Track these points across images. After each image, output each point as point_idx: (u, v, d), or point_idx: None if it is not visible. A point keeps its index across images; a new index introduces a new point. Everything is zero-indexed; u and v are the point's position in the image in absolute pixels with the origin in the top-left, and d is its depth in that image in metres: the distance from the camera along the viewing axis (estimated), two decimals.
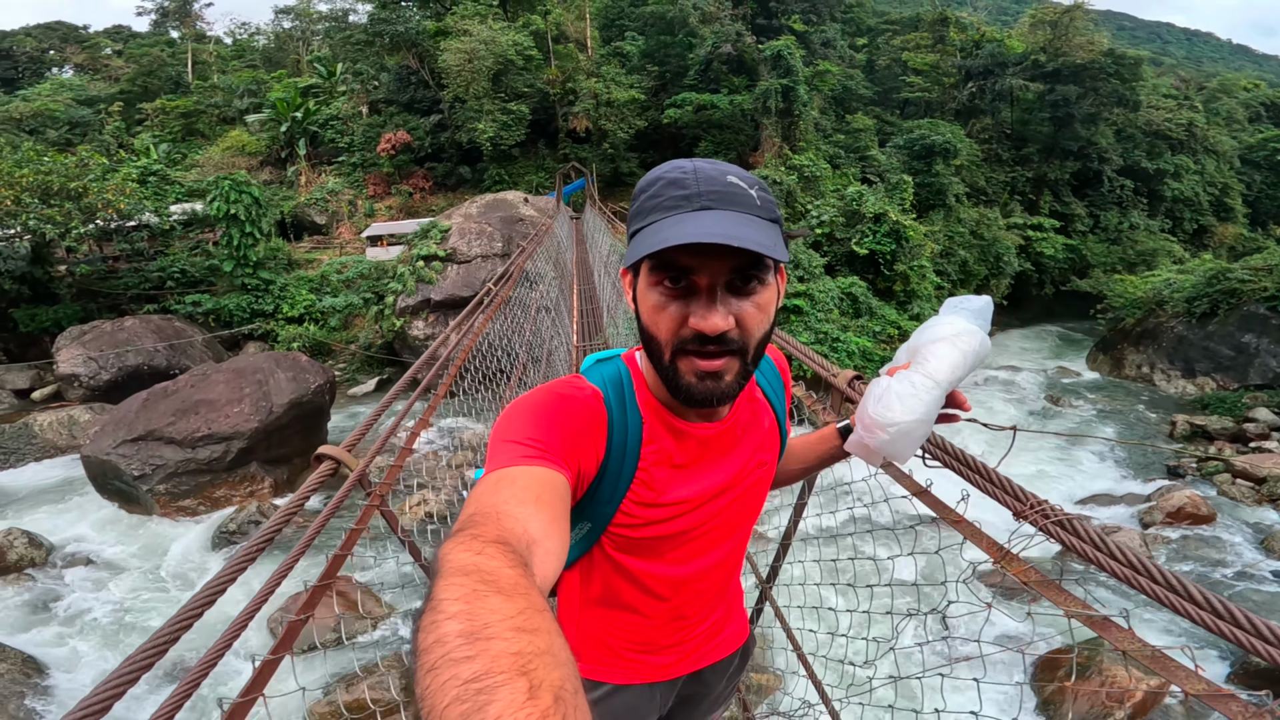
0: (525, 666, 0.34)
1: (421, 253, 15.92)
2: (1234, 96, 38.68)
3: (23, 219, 15.09)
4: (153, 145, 26.15)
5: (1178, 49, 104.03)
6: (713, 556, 0.97)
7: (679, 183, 0.72)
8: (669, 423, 0.86)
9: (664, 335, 0.74)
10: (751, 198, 0.72)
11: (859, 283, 15.62)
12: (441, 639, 0.36)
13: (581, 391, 0.83)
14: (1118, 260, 25.39)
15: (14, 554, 8.83)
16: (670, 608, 0.99)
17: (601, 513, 0.87)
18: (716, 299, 0.71)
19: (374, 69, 25.58)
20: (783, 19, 25.62)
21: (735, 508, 0.95)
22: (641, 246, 0.69)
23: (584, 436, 0.80)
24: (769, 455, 0.97)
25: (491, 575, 0.43)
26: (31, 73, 45.23)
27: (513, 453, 0.71)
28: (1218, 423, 13.41)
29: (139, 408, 10.05)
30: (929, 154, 21.41)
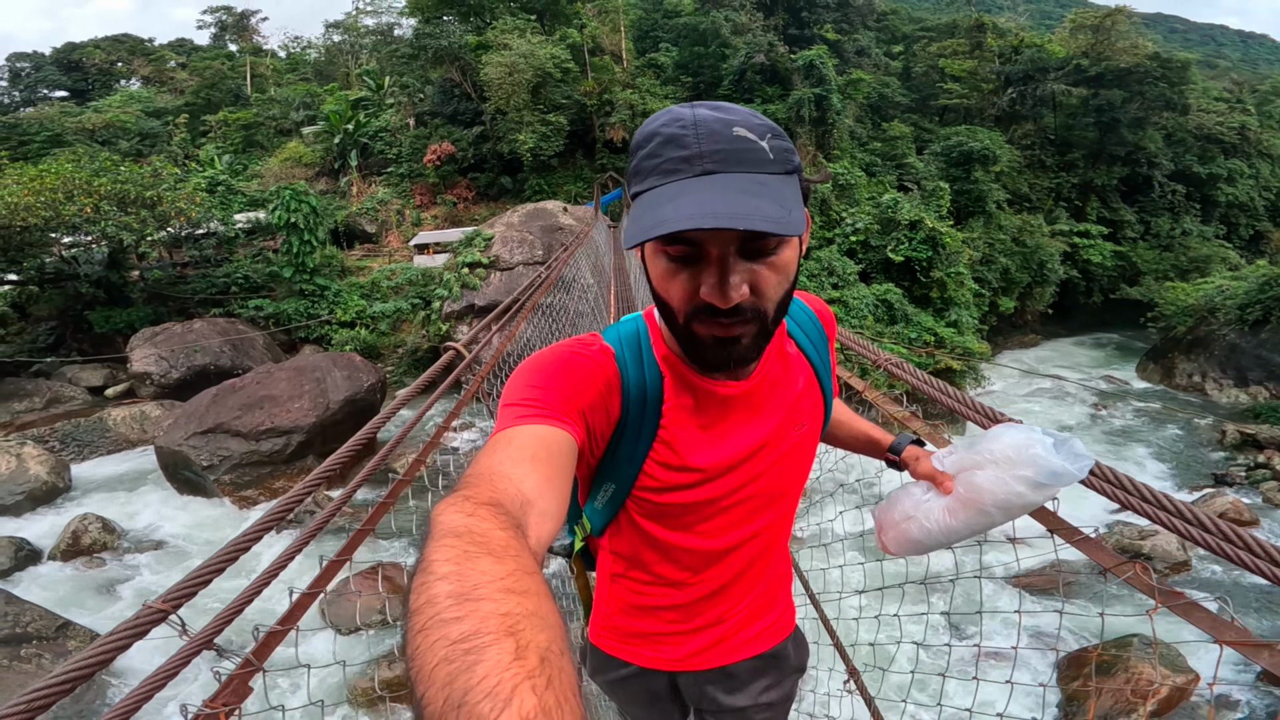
0: (513, 627, 0.34)
1: (466, 260, 16.64)
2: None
3: (101, 225, 16.08)
4: (217, 156, 27.68)
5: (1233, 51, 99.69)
6: (747, 529, 0.91)
7: (678, 140, 0.65)
8: (688, 380, 0.82)
9: (675, 302, 0.71)
10: (762, 151, 0.66)
11: (894, 289, 15.68)
12: (431, 600, 0.37)
13: (589, 348, 0.81)
14: (1169, 267, 24.75)
15: (88, 538, 9.59)
16: (702, 584, 0.94)
17: (624, 473, 0.84)
18: (729, 269, 0.66)
19: (419, 82, 26.63)
20: (815, 28, 25.77)
21: (772, 475, 0.89)
22: (638, 225, 0.63)
23: (591, 392, 0.77)
24: (808, 417, 0.91)
25: (482, 537, 0.44)
26: (101, 85, 47.70)
27: (512, 414, 0.70)
28: (1269, 431, 13.14)
29: (209, 402, 10.85)
30: (967, 161, 21.27)
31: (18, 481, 10.90)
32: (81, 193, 15.70)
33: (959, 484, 0.87)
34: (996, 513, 0.83)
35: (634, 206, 0.67)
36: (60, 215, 15.31)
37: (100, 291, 17.91)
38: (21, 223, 14.88)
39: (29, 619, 7.51)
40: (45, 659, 7.06)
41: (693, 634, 0.98)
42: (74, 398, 16.05)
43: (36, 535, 9.81)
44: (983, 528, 0.85)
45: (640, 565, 0.94)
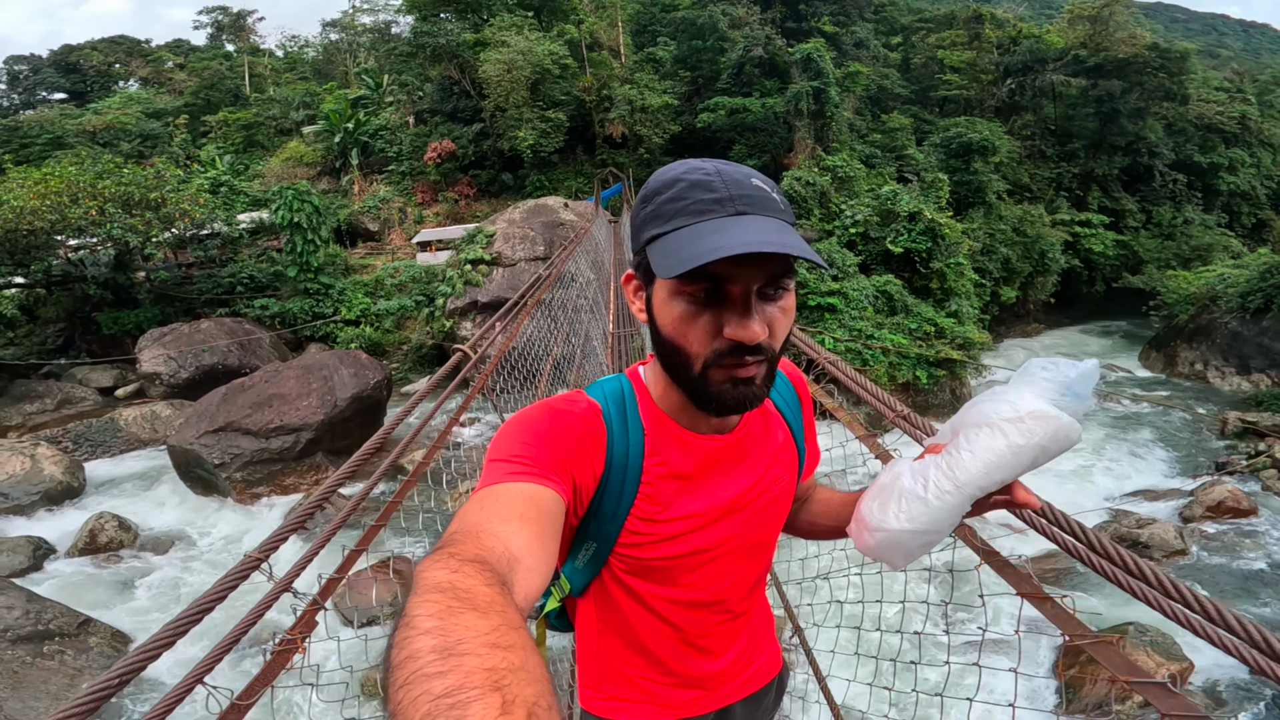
0: (499, 682, 0.34)
1: (469, 257, 16.77)
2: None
3: (108, 228, 16.19)
4: (218, 157, 27.79)
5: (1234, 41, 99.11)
6: (730, 580, 0.92)
7: (705, 185, 0.69)
8: (675, 435, 0.84)
9: (695, 347, 0.71)
10: (777, 202, 0.70)
11: (894, 281, 15.75)
12: (414, 654, 0.36)
13: (576, 405, 0.82)
14: (1172, 256, 24.71)
15: (104, 536, 9.69)
16: (689, 638, 0.94)
17: (606, 531, 0.85)
18: (752, 307, 0.69)
19: (418, 80, 26.69)
20: (812, 21, 25.80)
21: (751, 526, 0.90)
22: (684, 255, 0.65)
23: (579, 450, 0.78)
24: (785, 471, 0.93)
25: (467, 592, 0.43)
26: (99, 86, 47.69)
27: (500, 470, 0.70)
28: (1270, 419, 13.11)
29: (219, 401, 10.98)
30: (967, 152, 21.31)
31: (33, 481, 11.03)
32: (86, 195, 15.80)
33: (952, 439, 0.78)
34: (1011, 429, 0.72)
35: (659, 245, 0.69)
36: (66, 218, 15.44)
37: (108, 293, 18.10)
38: (28, 226, 15.02)
39: (50, 616, 7.56)
40: (67, 655, 7.14)
41: (683, 686, 0.97)
42: (85, 399, 16.20)
43: (53, 534, 9.92)
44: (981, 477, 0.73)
45: (625, 622, 0.93)
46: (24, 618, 7.50)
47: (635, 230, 0.74)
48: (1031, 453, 0.72)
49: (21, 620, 7.43)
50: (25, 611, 7.57)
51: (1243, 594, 7.81)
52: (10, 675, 6.60)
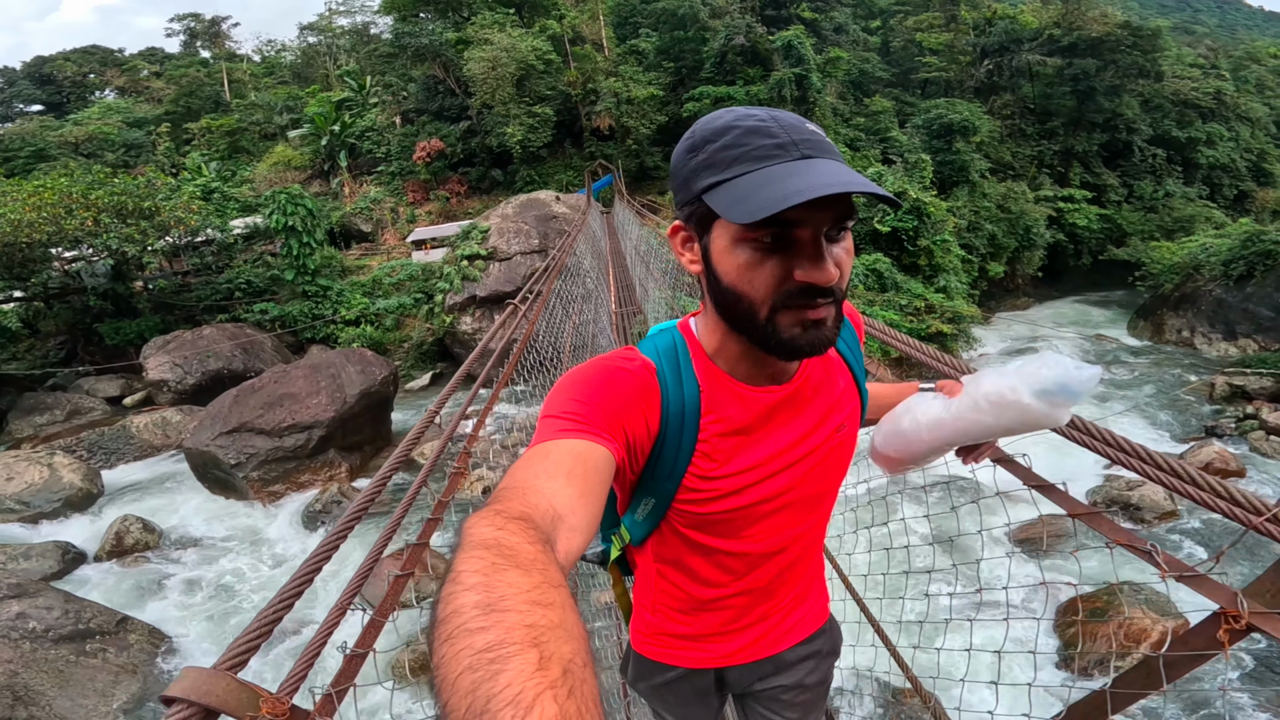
0: (538, 639, 0.35)
1: (465, 253, 17.01)
2: (1262, 64, 37.74)
3: (104, 238, 16.26)
4: (204, 164, 27.70)
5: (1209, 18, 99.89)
6: (790, 532, 0.93)
7: (763, 130, 0.67)
8: (731, 389, 0.83)
9: (761, 292, 0.70)
10: (833, 145, 0.70)
11: (883, 259, 16.18)
12: (458, 610, 0.38)
13: (631, 363, 0.81)
14: (1155, 228, 25.22)
15: (130, 538, 9.87)
16: (747, 584, 0.95)
17: (664, 488, 0.85)
18: (823, 249, 0.68)
19: (402, 80, 26.71)
20: (792, 8, 26.05)
21: (813, 476, 0.90)
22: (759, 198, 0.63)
23: (633, 407, 0.77)
24: (847, 417, 0.92)
25: (511, 550, 0.44)
26: (75, 97, 47.22)
27: (553, 427, 0.71)
28: (1257, 383, 13.25)
29: (231, 403, 11.19)
30: (948, 132, 21.72)
31: (53, 489, 11.21)
32: (80, 206, 15.81)
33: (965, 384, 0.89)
34: (987, 406, 0.83)
35: (724, 192, 0.67)
36: (63, 229, 15.47)
37: (108, 304, 18.18)
38: (26, 239, 15.05)
39: (90, 615, 7.63)
40: (109, 653, 7.19)
41: (738, 632, 1.00)
42: (93, 409, 16.27)
43: (79, 539, 10.09)
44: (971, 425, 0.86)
45: (684, 570, 0.94)
46: (64, 617, 7.57)
47: (683, 180, 0.72)
48: (994, 430, 0.86)
49: (62, 620, 7.46)
50: (65, 611, 7.63)
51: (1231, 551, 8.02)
52: (56, 674, 6.69)
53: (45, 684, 6.52)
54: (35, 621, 7.13)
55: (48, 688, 6.48)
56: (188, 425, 13.55)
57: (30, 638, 6.95)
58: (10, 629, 6.91)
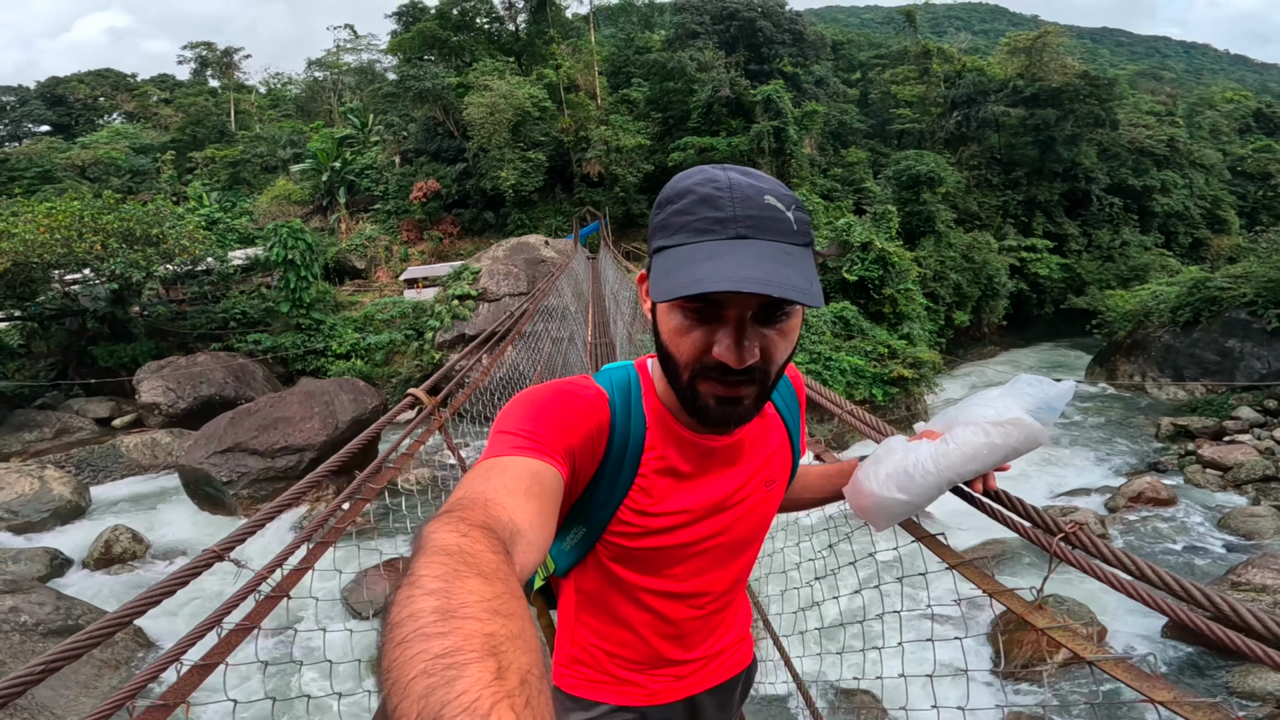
0: (496, 648, 0.34)
1: (456, 293, 17.87)
2: (1216, 109, 39.26)
3: (111, 262, 16.74)
4: (205, 193, 28.30)
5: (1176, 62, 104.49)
6: (713, 575, 0.95)
7: (712, 201, 0.68)
8: (675, 431, 0.85)
9: (684, 358, 0.73)
10: (789, 221, 0.69)
11: (850, 306, 17.15)
12: (415, 614, 0.37)
13: (586, 390, 0.83)
14: (1112, 277, 26.26)
15: (119, 547, 10.14)
16: (669, 625, 0.96)
17: (597, 518, 0.86)
18: (744, 332, 0.69)
19: (403, 120, 27.82)
20: (774, 63, 27.60)
21: (740, 526, 0.93)
22: (673, 280, 0.66)
23: (583, 434, 0.79)
24: (777, 474, 0.95)
25: (473, 557, 0.44)
26: (84, 120, 47.90)
27: (508, 442, 0.72)
28: (1199, 422, 14.10)
29: (227, 424, 11.72)
30: (916, 183, 22.98)
31: (43, 500, 11.52)
32: (89, 230, 16.34)
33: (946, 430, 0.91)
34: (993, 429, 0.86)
35: (661, 260, 0.70)
36: (73, 252, 16.00)
37: (104, 327, 18.64)
38: (37, 258, 15.55)
39: (79, 613, 7.94)
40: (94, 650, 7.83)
41: (658, 672, 1.00)
42: (82, 428, 16.51)
43: (66, 547, 10.37)
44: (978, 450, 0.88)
45: (606, 606, 0.95)
46: (54, 613, 7.80)
47: (650, 233, 0.75)
48: (1004, 451, 0.87)
49: (52, 615, 7.71)
50: (55, 608, 7.85)
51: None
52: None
53: None
54: (27, 615, 7.40)
55: None
56: (176, 447, 14.03)
57: (20, 630, 7.21)
58: (2, 621, 7.18)
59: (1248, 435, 12.96)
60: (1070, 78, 27.41)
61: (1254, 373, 15.65)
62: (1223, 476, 11.31)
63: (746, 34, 28.11)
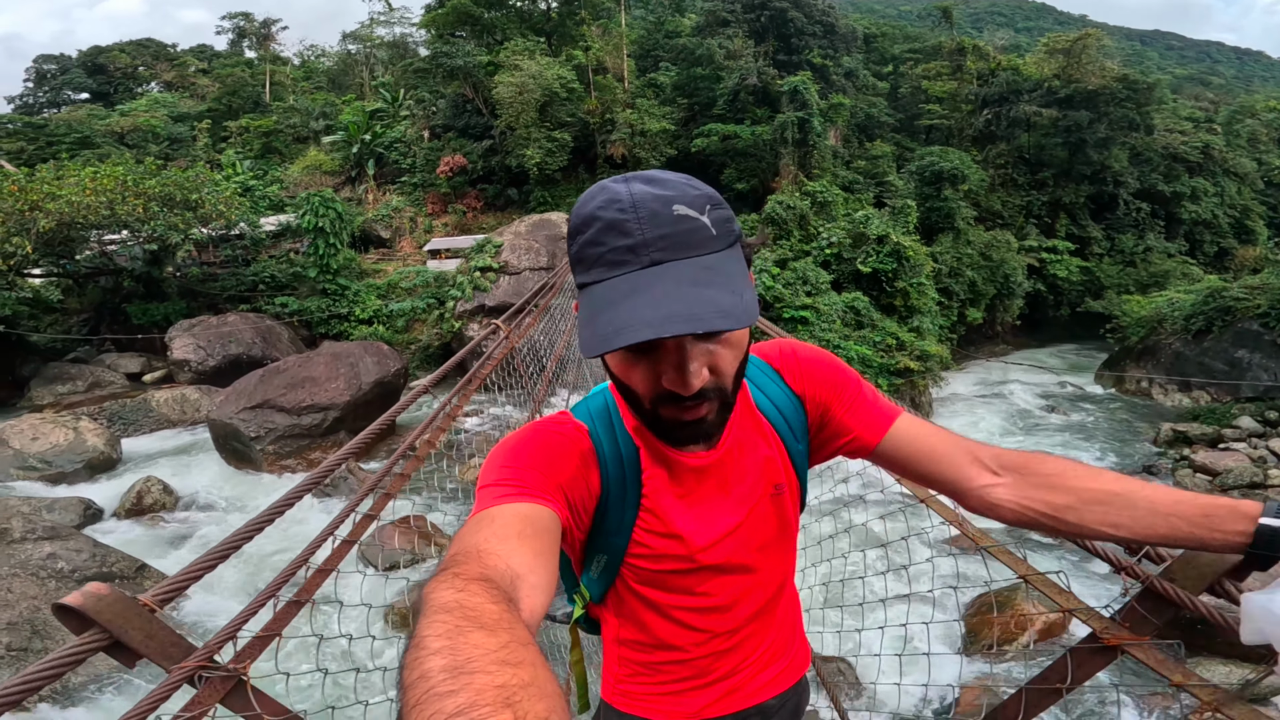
0: (510, 699, 0.35)
1: (478, 264, 18.35)
2: (1257, 118, 38.19)
3: (152, 225, 17.45)
4: (238, 161, 29.08)
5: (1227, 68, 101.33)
6: (744, 584, 0.93)
7: (619, 226, 0.65)
8: (660, 451, 0.85)
9: (639, 389, 0.73)
10: (705, 228, 0.66)
11: (861, 297, 17.34)
12: (425, 674, 0.37)
13: (563, 426, 0.84)
14: (1131, 282, 26.04)
15: (150, 498, 10.67)
16: (708, 641, 0.94)
17: (614, 544, 0.87)
18: (687, 357, 0.68)
19: (433, 96, 28.18)
20: (803, 54, 27.49)
21: (757, 536, 0.91)
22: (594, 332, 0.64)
23: (569, 468, 0.79)
24: (782, 477, 0.92)
25: (474, 611, 0.44)
26: (123, 89, 48.98)
27: (492, 494, 0.72)
28: (1199, 429, 14.30)
29: (257, 381, 12.34)
30: (938, 180, 22.92)
31: (77, 451, 12.04)
32: (132, 194, 17.02)
33: None
34: None
35: (584, 301, 0.68)
36: (116, 214, 16.72)
37: (139, 286, 19.45)
38: (82, 219, 16.28)
39: (114, 560, 8.43)
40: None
41: (706, 688, 0.97)
42: (114, 382, 17.27)
43: (98, 497, 10.90)
44: None
45: (643, 628, 0.94)
46: (90, 560, 8.44)
47: (571, 262, 0.72)
48: None
49: (89, 562, 8.29)
50: (92, 555, 8.47)
51: None
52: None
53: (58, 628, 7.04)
54: (64, 562, 7.68)
55: (63, 631, 7.37)
56: (205, 402, 14.60)
57: (57, 577, 7.51)
58: (40, 568, 7.46)
59: (1243, 444, 13.08)
60: (1108, 80, 26.99)
61: (1260, 384, 15.63)
62: (1211, 481, 11.57)
63: (777, 24, 27.99)
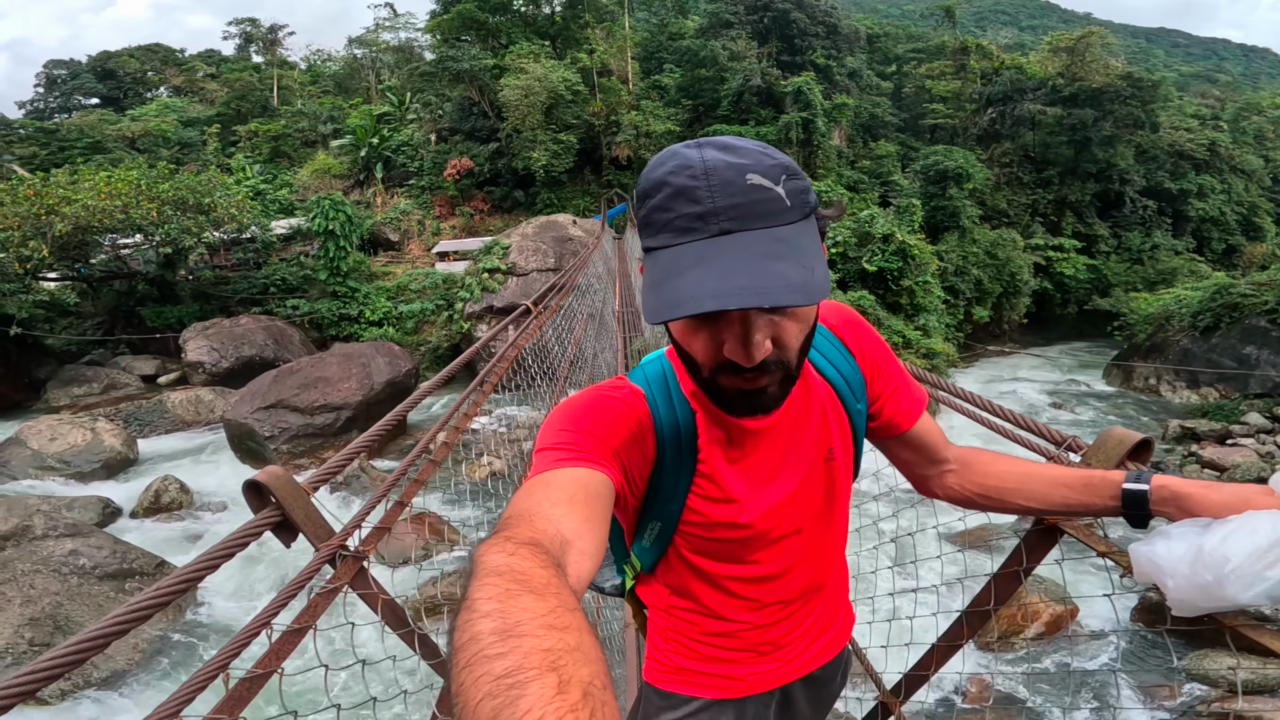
0: (555, 663, 0.35)
1: (486, 266, 18.56)
2: (1263, 114, 38.11)
3: (165, 228, 17.70)
4: (248, 165, 29.37)
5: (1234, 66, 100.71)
6: (797, 556, 0.92)
7: (689, 193, 0.64)
8: (716, 414, 0.83)
9: (700, 357, 0.72)
10: (779, 199, 0.64)
11: (867, 296, 17.41)
12: (475, 637, 0.38)
13: (620, 390, 0.83)
14: (1138, 279, 26.03)
15: (167, 497, 10.85)
16: (758, 611, 0.94)
17: (669, 510, 0.86)
18: (751, 328, 0.67)
19: (439, 100, 28.46)
20: (807, 54, 27.63)
21: (810, 504, 0.90)
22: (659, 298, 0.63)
23: (626, 434, 0.79)
24: (834, 443, 0.90)
25: (524, 575, 0.45)
26: (133, 94, 49.32)
27: (549, 458, 0.72)
28: (1207, 425, 14.23)
29: (271, 382, 12.54)
30: (944, 178, 22.98)
31: (95, 451, 12.27)
32: (146, 198, 17.29)
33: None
34: None
35: (650, 265, 0.67)
36: (131, 217, 16.98)
37: (154, 289, 19.71)
38: (98, 223, 16.55)
39: (133, 557, 8.55)
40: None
41: (756, 659, 0.97)
42: (128, 384, 17.53)
43: (116, 496, 11.07)
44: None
45: (693, 598, 0.93)
46: (111, 557, 8.53)
47: (639, 225, 0.70)
48: None
49: (109, 559, 8.36)
50: (112, 551, 8.58)
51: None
52: (95, 608, 7.50)
53: (85, 616, 7.07)
54: (85, 559, 7.78)
55: (86, 619, 6.98)
56: (219, 403, 14.77)
57: (78, 573, 7.56)
58: (62, 564, 7.56)
59: (1251, 440, 13.07)
60: (1112, 78, 27.02)
61: (1269, 380, 15.58)
62: (1218, 477, 11.56)
63: (780, 25, 28.14)
